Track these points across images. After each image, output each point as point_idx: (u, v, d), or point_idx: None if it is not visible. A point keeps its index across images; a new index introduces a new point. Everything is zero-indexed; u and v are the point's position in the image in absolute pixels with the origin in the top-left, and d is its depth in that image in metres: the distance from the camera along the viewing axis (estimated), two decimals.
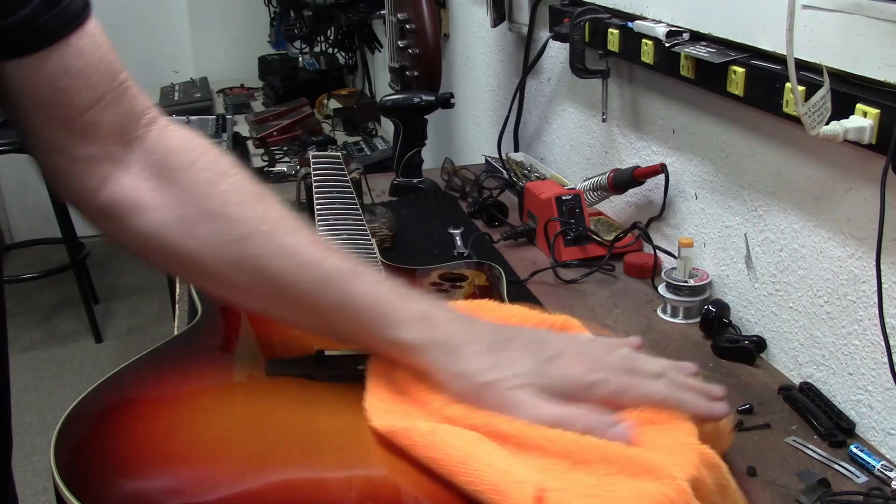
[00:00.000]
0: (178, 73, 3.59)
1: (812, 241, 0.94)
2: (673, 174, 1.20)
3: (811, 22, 0.85)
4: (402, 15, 1.74)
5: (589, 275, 1.21)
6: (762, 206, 1.02)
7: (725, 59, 0.97)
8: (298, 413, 0.69)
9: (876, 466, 0.80)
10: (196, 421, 0.67)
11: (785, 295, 0.99)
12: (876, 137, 0.79)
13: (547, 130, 1.62)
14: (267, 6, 3.40)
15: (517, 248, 1.32)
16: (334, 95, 2.90)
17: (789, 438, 0.85)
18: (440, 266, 1.04)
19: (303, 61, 3.26)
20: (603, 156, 1.41)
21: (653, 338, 1.05)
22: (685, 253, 1.09)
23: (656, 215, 1.24)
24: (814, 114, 0.80)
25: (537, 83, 1.63)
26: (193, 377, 0.74)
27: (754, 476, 0.80)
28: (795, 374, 0.98)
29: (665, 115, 1.21)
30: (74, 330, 3.25)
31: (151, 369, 0.75)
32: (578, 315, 1.10)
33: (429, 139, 1.60)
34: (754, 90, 0.94)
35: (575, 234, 1.24)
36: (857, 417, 0.88)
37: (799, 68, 0.81)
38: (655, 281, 1.17)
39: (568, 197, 1.27)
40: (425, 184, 1.56)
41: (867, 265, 0.86)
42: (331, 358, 0.75)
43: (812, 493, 0.76)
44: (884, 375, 0.85)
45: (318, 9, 2.50)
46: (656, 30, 1.09)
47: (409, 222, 1.40)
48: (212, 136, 2.67)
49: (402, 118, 1.55)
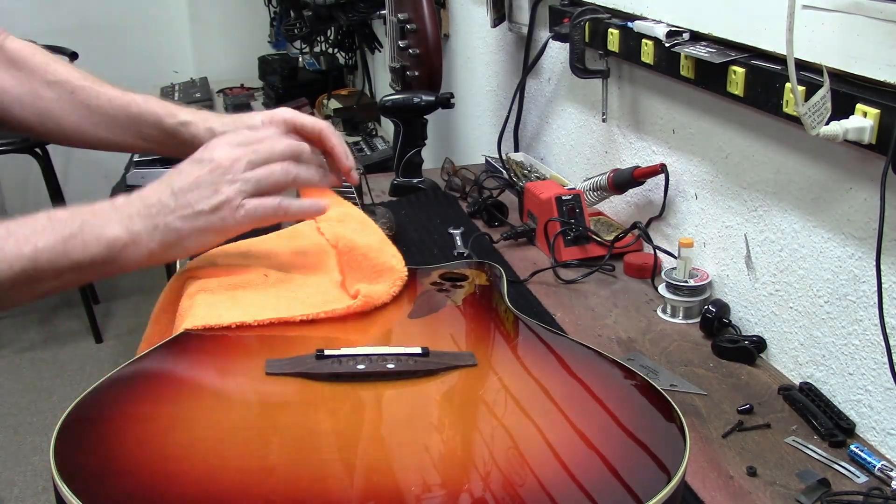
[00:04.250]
0: (178, 73, 3.59)
1: (812, 241, 0.94)
2: (673, 174, 1.20)
3: (811, 22, 0.85)
4: (403, 15, 1.74)
5: (589, 275, 1.21)
6: (762, 206, 1.02)
7: (725, 59, 0.97)
8: (298, 413, 0.69)
9: (876, 466, 0.80)
10: (196, 421, 0.67)
11: (785, 295, 0.99)
12: (876, 137, 0.79)
13: (547, 130, 1.62)
14: (267, 6, 3.40)
15: (517, 248, 1.32)
16: (334, 95, 2.90)
17: (789, 438, 0.85)
18: (440, 266, 1.04)
19: (303, 61, 3.26)
20: (603, 156, 1.41)
21: (653, 338, 1.05)
22: (685, 253, 1.09)
23: (656, 215, 1.24)
24: (814, 114, 0.80)
25: (537, 83, 1.63)
26: (193, 377, 0.74)
27: (754, 476, 0.80)
28: (795, 374, 0.98)
29: (665, 115, 1.21)
30: (74, 330, 3.25)
31: (151, 369, 0.75)
32: (578, 315, 1.11)
33: (429, 139, 1.60)
34: (754, 90, 0.94)
35: (575, 234, 1.24)
36: (857, 417, 0.88)
37: (799, 68, 0.81)
38: (655, 281, 1.17)
39: (568, 197, 1.27)
40: (425, 184, 1.56)
41: (867, 265, 0.86)
42: (331, 358, 0.75)
43: (812, 493, 0.76)
44: (884, 375, 0.85)
45: (318, 9, 2.50)
46: (656, 30, 1.09)
47: (409, 222, 1.40)
48: None
49: (402, 118, 1.55)
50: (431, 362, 0.76)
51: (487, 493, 0.60)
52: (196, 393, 0.71)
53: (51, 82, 0.99)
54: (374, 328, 0.86)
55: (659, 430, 0.69)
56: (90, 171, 3.69)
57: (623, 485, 0.61)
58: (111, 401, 0.69)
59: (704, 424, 0.88)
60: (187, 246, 0.81)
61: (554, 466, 0.63)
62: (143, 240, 0.78)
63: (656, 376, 0.95)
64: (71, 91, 0.99)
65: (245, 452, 0.63)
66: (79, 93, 0.99)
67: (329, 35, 2.96)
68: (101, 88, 1.00)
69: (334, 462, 0.62)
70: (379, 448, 0.65)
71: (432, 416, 0.71)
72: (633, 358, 1.00)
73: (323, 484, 0.60)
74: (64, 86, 0.99)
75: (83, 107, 0.98)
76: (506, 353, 0.85)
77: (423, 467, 0.62)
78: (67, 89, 0.99)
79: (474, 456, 0.65)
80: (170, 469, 0.61)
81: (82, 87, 0.99)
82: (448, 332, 0.87)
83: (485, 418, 0.70)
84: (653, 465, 0.64)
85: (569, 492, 0.60)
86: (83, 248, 0.75)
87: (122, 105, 0.98)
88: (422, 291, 0.95)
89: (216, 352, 0.80)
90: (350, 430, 0.67)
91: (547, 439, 0.66)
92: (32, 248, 0.73)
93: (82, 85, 0.99)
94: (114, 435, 0.64)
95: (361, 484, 0.61)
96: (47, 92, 0.98)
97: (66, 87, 0.99)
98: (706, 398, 0.92)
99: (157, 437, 0.64)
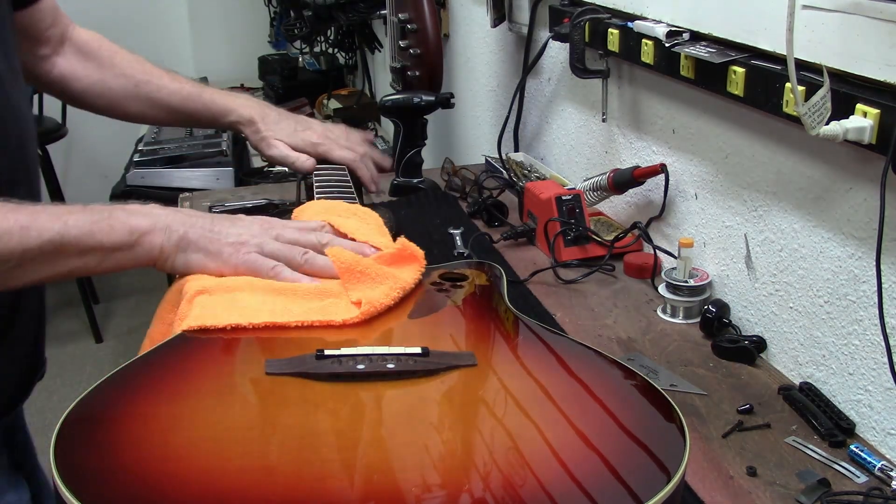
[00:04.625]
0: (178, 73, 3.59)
1: (812, 241, 0.94)
2: (673, 174, 1.20)
3: (811, 22, 0.85)
4: (404, 15, 1.74)
5: (589, 275, 1.21)
6: (762, 206, 1.02)
7: (725, 59, 0.97)
8: (298, 413, 0.69)
9: (876, 466, 0.80)
10: (196, 421, 0.67)
11: (785, 295, 0.99)
12: (876, 137, 0.79)
13: (547, 130, 1.62)
14: (267, 6, 3.40)
15: (517, 248, 1.32)
16: (334, 95, 2.90)
17: (789, 438, 0.85)
18: (440, 266, 1.04)
19: (303, 61, 3.26)
20: (603, 156, 1.41)
21: (653, 338, 1.05)
22: (685, 253, 1.09)
23: (656, 215, 1.24)
24: (814, 114, 0.80)
25: (537, 83, 1.63)
26: (193, 377, 0.74)
27: (754, 476, 0.80)
28: (795, 374, 0.98)
29: (665, 115, 1.21)
30: (74, 330, 3.25)
31: (151, 369, 0.75)
32: (578, 315, 1.11)
33: (429, 139, 1.60)
34: (754, 90, 0.94)
35: (575, 234, 1.24)
36: (857, 417, 0.88)
37: (799, 68, 0.81)
38: (655, 281, 1.17)
39: (568, 197, 1.27)
40: (425, 184, 1.56)
41: (867, 265, 0.86)
42: (331, 358, 0.75)
43: (812, 493, 0.76)
44: (884, 375, 0.85)
45: (318, 9, 2.50)
46: (656, 30, 1.09)
47: (409, 222, 1.40)
48: (212, 135, 2.67)
49: (402, 118, 1.55)
50: (431, 362, 0.76)
51: (487, 493, 0.60)
52: (196, 393, 0.71)
53: (117, 75, 1.13)
54: (373, 328, 0.86)
55: (659, 430, 0.69)
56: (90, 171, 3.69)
57: (623, 485, 0.61)
58: (111, 401, 0.69)
59: (704, 424, 0.88)
60: (188, 259, 0.87)
61: (554, 466, 0.63)
62: (159, 236, 0.85)
63: (656, 376, 0.95)
64: (135, 85, 1.14)
65: (245, 452, 0.63)
66: (141, 87, 1.14)
67: (329, 35, 2.96)
68: (160, 82, 1.14)
69: (334, 462, 0.62)
70: (379, 448, 0.65)
71: (432, 416, 0.71)
72: (633, 358, 1.00)
73: (323, 484, 0.60)
74: (128, 79, 1.14)
75: (146, 99, 1.14)
76: (506, 354, 0.85)
77: (423, 467, 0.62)
78: (131, 83, 1.14)
79: (474, 456, 0.65)
80: (170, 469, 0.61)
81: (145, 82, 1.14)
82: (448, 332, 0.87)
83: (485, 418, 0.70)
84: (653, 465, 0.64)
85: (569, 492, 0.60)
86: (109, 231, 0.81)
87: (180, 100, 1.14)
88: (422, 291, 0.95)
89: (216, 352, 0.80)
90: (350, 431, 0.67)
91: (547, 439, 0.66)
92: (63, 223, 0.78)
93: (144, 79, 1.14)
94: (114, 435, 0.64)
95: (361, 484, 0.60)
96: (114, 83, 1.13)
97: (130, 80, 1.14)
98: (706, 398, 0.92)
99: (157, 437, 0.64)
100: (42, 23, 1.09)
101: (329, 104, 2.83)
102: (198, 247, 0.87)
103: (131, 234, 0.82)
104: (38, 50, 1.11)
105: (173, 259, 0.86)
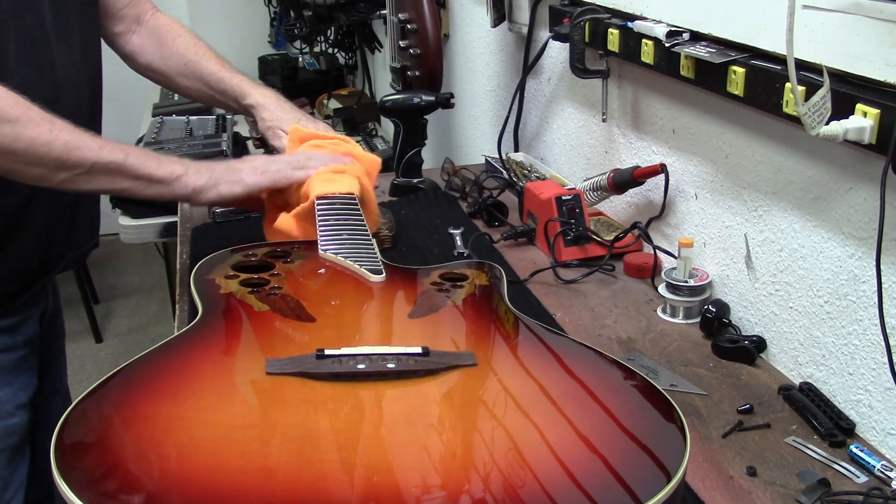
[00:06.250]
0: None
1: (812, 241, 0.94)
2: (673, 174, 1.20)
3: (811, 22, 0.85)
4: (404, 15, 1.74)
5: (589, 275, 1.21)
6: (762, 206, 1.02)
7: (725, 59, 0.97)
8: (298, 412, 0.69)
9: (876, 466, 0.80)
10: (196, 420, 0.67)
11: (785, 295, 0.99)
12: (876, 137, 0.79)
13: (547, 130, 1.62)
14: (267, 6, 3.40)
15: (517, 248, 1.32)
16: (334, 95, 2.90)
17: (789, 438, 0.85)
18: (440, 266, 1.04)
19: (303, 61, 3.26)
20: (603, 156, 1.41)
21: (653, 338, 1.05)
22: (685, 253, 1.09)
23: (656, 215, 1.24)
24: (814, 114, 0.80)
25: (537, 83, 1.63)
26: (193, 377, 0.74)
27: (754, 476, 0.80)
28: (795, 374, 0.98)
29: (665, 115, 1.21)
30: (74, 330, 3.25)
31: (152, 369, 0.75)
32: (578, 315, 1.11)
33: (429, 139, 1.60)
34: (754, 90, 0.94)
35: (575, 234, 1.24)
36: (857, 417, 0.88)
37: (799, 68, 0.81)
38: (655, 281, 1.17)
39: (568, 197, 1.27)
40: (425, 184, 1.56)
41: (867, 265, 0.86)
42: (331, 357, 0.75)
43: (812, 493, 0.76)
44: (884, 375, 0.85)
45: (318, 9, 2.50)
46: (656, 30, 1.09)
47: (409, 222, 1.40)
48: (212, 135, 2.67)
49: (402, 118, 1.55)
50: (431, 362, 0.76)
51: (487, 493, 0.60)
52: (196, 393, 0.71)
53: (173, 54, 1.34)
54: (374, 328, 0.86)
55: (659, 430, 0.69)
56: None
57: (623, 485, 0.61)
58: (112, 400, 0.69)
59: (704, 424, 0.88)
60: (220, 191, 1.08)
61: (554, 466, 0.63)
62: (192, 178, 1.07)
63: (656, 376, 0.95)
64: (185, 63, 1.33)
65: (245, 452, 0.63)
66: (190, 66, 1.33)
67: (329, 35, 2.95)
68: (205, 63, 1.33)
69: (334, 461, 0.62)
70: (379, 447, 0.65)
71: (432, 415, 0.71)
72: (633, 358, 1.00)
73: (323, 483, 0.60)
74: (181, 58, 1.34)
75: (192, 76, 1.33)
76: (506, 353, 0.85)
77: (423, 467, 0.62)
78: (182, 62, 1.34)
79: (474, 456, 0.65)
80: (170, 468, 0.61)
81: (193, 62, 1.33)
82: (448, 332, 0.87)
83: (485, 418, 0.70)
84: (653, 464, 0.64)
85: (569, 492, 0.60)
86: (157, 166, 1.04)
87: (216, 80, 1.32)
88: (422, 291, 0.95)
89: (217, 352, 0.80)
90: (350, 430, 0.67)
91: (547, 439, 0.66)
92: (125, 153, 1.02)
93: (193, 59, 1.33)
94: (114, 434, 0.64)
95: (361, 483, 0.61)
96: (170, 61, 1.34)
97: (182, 59, 1.33)
98: (706, 398, 0.92)
99: (158, 437, 0.64)
100: (119, 2, 1.31)
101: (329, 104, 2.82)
102: (224, 180, 1.09)
103: (171, 174, 1.05)
104: (113, 26, 1.32)
105: (206, 194, 1.07)
